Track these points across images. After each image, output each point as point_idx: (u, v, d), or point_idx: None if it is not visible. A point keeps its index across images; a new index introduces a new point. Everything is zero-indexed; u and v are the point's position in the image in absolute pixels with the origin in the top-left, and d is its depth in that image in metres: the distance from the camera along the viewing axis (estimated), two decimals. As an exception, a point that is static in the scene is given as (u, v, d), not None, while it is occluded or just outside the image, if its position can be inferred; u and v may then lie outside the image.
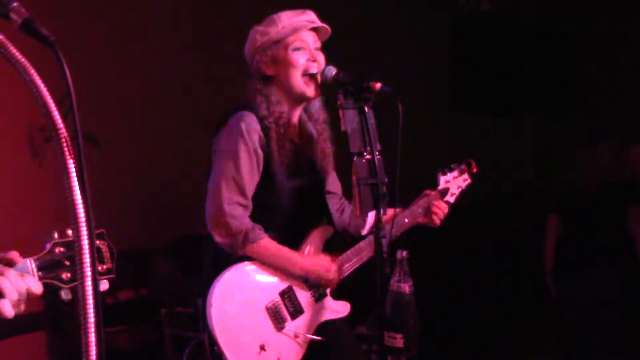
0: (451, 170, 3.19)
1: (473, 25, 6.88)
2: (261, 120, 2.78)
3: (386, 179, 2.66)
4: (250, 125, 2.77)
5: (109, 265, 1.60)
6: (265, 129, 2.78)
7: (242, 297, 2.77)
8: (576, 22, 6.98)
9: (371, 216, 2.62)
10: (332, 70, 2.76)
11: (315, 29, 2.87)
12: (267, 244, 2.79)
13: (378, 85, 2.61)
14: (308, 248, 2.91)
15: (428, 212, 3.04)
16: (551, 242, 4.69)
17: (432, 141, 6.28)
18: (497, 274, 5.67)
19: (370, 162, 2.61)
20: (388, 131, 2.62)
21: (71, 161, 1.22)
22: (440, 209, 3.04)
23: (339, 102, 2.63)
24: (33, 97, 1.27)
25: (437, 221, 3.05)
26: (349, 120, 2.62)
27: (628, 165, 4.81)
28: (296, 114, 2.93)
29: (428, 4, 6.37)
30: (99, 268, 1.42)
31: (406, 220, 3.00)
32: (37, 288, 1.54)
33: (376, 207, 2.60)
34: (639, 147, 4.86)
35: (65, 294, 1.62)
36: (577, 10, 6.86)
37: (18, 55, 1.24)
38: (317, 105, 2.95)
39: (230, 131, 2.79)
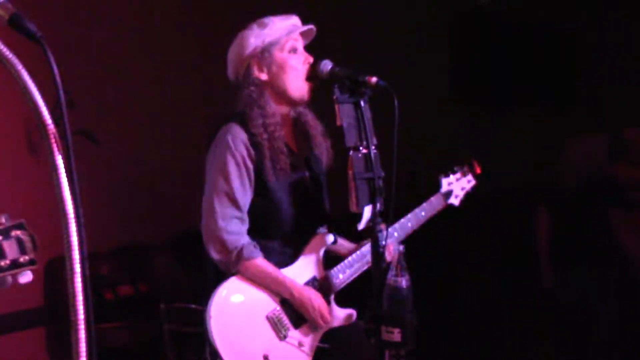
0: (454, 172, 3.19)
1: (473, 19, 6.87)
2: (252, 134, 2.74)
3: (383, 174, 2.66)
4: (237, 138, 2.73)
5: (32, 256, 1.53)
6: (256, 144, 2.74)
7: (242, 308, 2.74)
8: (577, 17, 6.96)
9: (367, 211, 2.62)
10: (327, 65, 2.74)
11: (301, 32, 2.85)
12: (260, 263, 2.74)
13: (374, 79, 2.61)
14: (305, 257, 2.87)
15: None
16: (543, 232, 4.65)
17: (432, 135, 6.27)
18: (495, 269, 5.67)
19: (367, 156, 2.61)
20: (386, 125, 2.62)
21: (60, 157, 1.21)
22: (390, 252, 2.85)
23: (334, 97, 2.62)
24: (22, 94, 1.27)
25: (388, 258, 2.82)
26: (345, 114, 2.62)
27: (626, 152, 4.75)
28: (289, 120, 2.90)
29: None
30: (21, 259, 1.37)
31: (409, 224, 3.02)
32: None
33: (372, 202, 2.59)
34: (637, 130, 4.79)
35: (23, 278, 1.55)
36: (578, 5, 6.84)
37: (6, 52, 1.24)
38: (305, 104, 2.91)
39: (218, 145, 2.77)
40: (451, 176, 3.17)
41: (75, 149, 1.33)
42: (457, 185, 3.18)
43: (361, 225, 2.81)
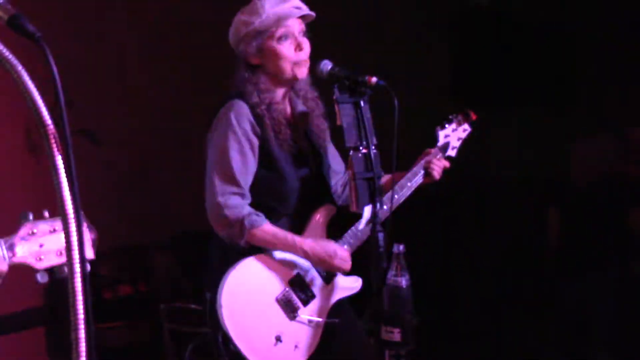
0: (450, 122, 3.13)
1: (474, 19, 6.86)
2: (253, 107, 2.77)
3: (383, 173, 2.66)
4: (240, 114, 2.75)
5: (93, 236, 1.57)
6: (258, 117, 2.77)
7: (251, 293, 2.76)
8: (577, 17, 6.96)
9: (367, 210, 2.63)
10: (327, 65, 2.74)
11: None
12: (265, 228, 2.75)
13: (374, 79, 2.61)
14: (311, 229, 2.89)
15: (428, 171, 2.99)
16: (554, 231, 4.62)
17: (432, 135, 6.26)
18: (495, 268, 5.66)
19: (367, 156, 2.61)
20: (386, 124, 2.62)
21: (59, 157, 1.22)
22: (439, 167, 2.99)
23: (334, 97, 2.63)
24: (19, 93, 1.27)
25: (437, 176, 2.99)
26: (345, 114, 2.62)
27: (631, 152, 4.72)
28: (287, 97, 2.91)
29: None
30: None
31: (409, 183, 2.96)
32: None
33: (372, 202, 2.60)
34: None
35: (41, 277, 1.59)
36: (578, 5, 6.85)
37: (5, 52, 1.24)
38: (305, 83, 2.91)
39: (219, 122, 2.79)
40: (447, 127, 3.12)
41: (75, 149, 1.34)
42: (454, 136, 3.13)
43: (361, 225, 2.82)
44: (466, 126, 3.17)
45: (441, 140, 3.10)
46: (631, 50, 6.49)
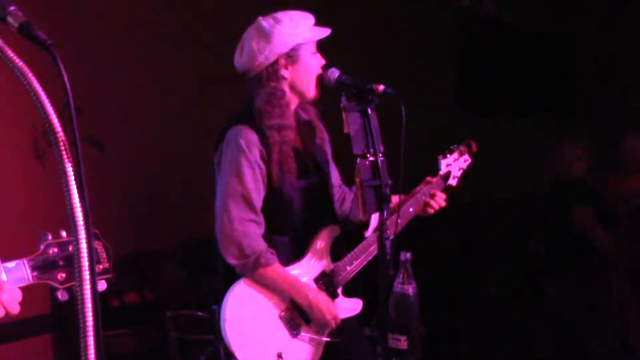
0: (451, 152, 3.13)
1: (477, 25, 6.87)
2: (261, 133, 2.73)
3: (390, 181, 2.66)
4: (249, 140, 2.72)
5: (106, 265, 1.60)
6: (265, 140, 2.74)
7: (255, 308, 2.76)
8: (581, 24, 6.96)
9: (375, 218, 2.62)
10: (335, 73, 2.75)
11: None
12: (277, 269, 2.76)
13: (381, 87, 2.61)
14: (313, 253, 2.89)
15: (427, 203, 2.99)
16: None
17: (436, 142, 6.26)
18: (502, 276, 5.65)
19: (374, 163, 2.61)
20: (392, 132, 2.62)
21: (69, 164, 1.22)
22: (438, 205, 2.99)
23: (342, 105, 2.63)
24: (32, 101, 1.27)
25: (432, 212, 3.00)
26: (352, 122, 2.62)
27: (626, 154, 4.79)
28: (296, 115, 2.91)
29: (432, 4, 6.36)
30: (96, 268, 1.43)
31: (411, 209, 2.95)
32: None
33: (380, 209, 2.60)
34: (634, 137, 4.83)
35: (61, 295, 1.62)
36: (582, 12, 6.85)
37: (16, 60, 1.24)
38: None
39: (229, 147, 2.75)
40: (449, 157, 3.11)
41: (82, 156, 1.34)
42: (455, 166, 3.12)
43: (368, 233, 2.82)
44: (467, 156, 3.18)
45: (443, 169, 3.08)
46: (635, 58, 6.50)
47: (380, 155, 2.62)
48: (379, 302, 2.56)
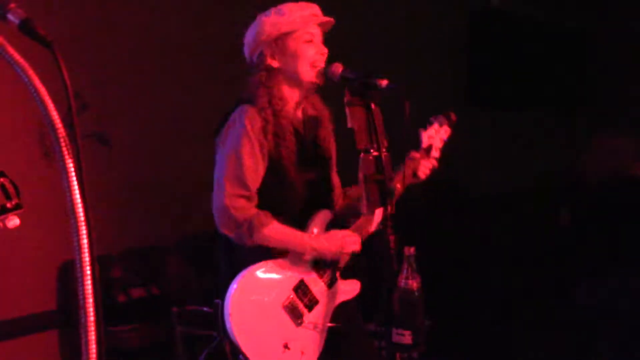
0: (431, 124, 3.11)
1: (490, 20, 6.86)
2: (260, 112, 2.77)
3: (394, 176, 2.66)
4: (253, 119, 2.76)
5: (16, 200, 1.58)
6: (265, 122, 2.77)
7: (258, 301, 2.77)
8: (594, 18, 6.95)
9: (378, 213, 2.63)
10: (338, 67, 2.76)
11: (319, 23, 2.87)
12: (274, 227, 2.76)
13: (385, 82, 2.62)
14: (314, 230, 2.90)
15: (416, 173, 3.00)
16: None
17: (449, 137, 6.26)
18: (507, 270, 5.65)
19: (377, 158, 2.61)
20: (399, 127, 2.62)
21: (70, 160, 1.22)
22: (427, 167, 3.00)
23: (345, 99, 2.63)
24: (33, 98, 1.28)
25: (424, 177, 3.01)
26: (356, 117, 2.63)
27: None
28: (301, 104, 2.92)
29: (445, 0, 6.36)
30: (8, 204, 1.41)
31: (398, 186, 2.93)
32: None
33: (383, 204, 2.60)
34: None
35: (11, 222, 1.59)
36: (595, 6, 6.84)
37: (17, 56, 1.25)
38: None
39: (232, 127, 2.79)
40: (429, 129, 3.10)
41: (86, 151, 1.34)
42: (437, 138, 3.12)
43: (372, 228, 2.82)
44: (447, 127, 3.15)
45: (425, 142, 3.07)
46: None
47: (384, 150, 2.62)
48: (383, 297, 2.57)
